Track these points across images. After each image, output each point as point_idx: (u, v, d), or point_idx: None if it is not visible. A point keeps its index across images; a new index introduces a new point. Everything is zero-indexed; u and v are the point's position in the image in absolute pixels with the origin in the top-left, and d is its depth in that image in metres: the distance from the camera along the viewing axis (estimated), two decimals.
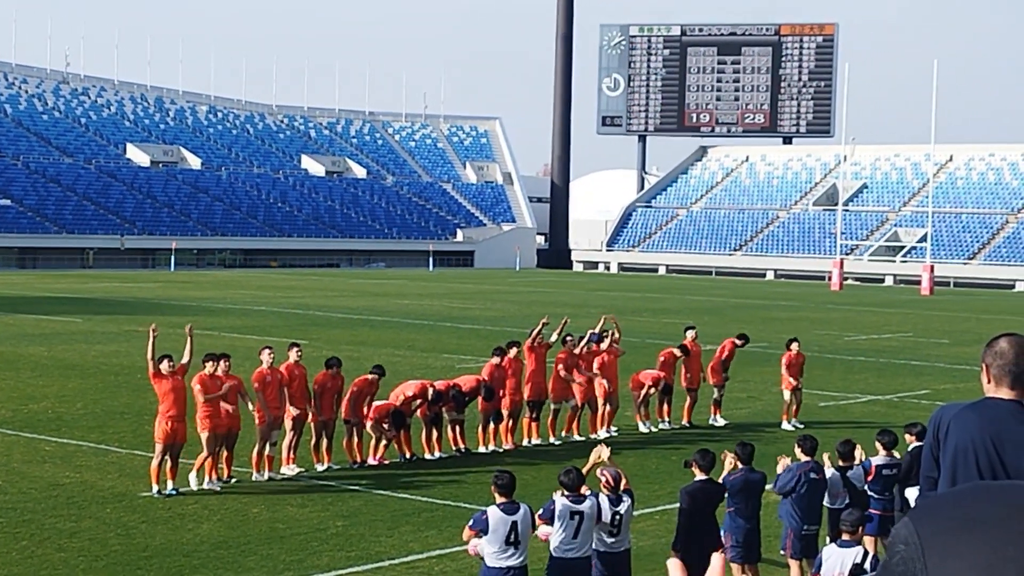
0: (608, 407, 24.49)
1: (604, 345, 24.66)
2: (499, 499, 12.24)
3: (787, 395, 25.88)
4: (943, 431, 6.26)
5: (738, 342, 26.52)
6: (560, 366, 23.79)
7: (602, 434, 23.65)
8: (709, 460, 13.83)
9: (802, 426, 24.68)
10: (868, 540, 14.03)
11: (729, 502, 14.16)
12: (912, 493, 12.63)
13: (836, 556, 12.27)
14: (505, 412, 22.94)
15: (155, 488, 18.54)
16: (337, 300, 61.05)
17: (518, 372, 23.26)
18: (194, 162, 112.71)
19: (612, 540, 12.77)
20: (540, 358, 23.81)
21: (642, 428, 24.98)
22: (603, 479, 12.91)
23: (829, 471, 14.93)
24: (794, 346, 26.01)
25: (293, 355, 20.78)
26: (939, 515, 1.42)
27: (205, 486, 18.96)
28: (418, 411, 22.01)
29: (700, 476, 13.67)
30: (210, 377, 19.64)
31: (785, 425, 25.46)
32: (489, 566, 12.06)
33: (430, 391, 21.93)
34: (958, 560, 1.35)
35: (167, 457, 18.63)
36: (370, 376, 21.61)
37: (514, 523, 12.01)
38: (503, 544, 11.98)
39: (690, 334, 26.60)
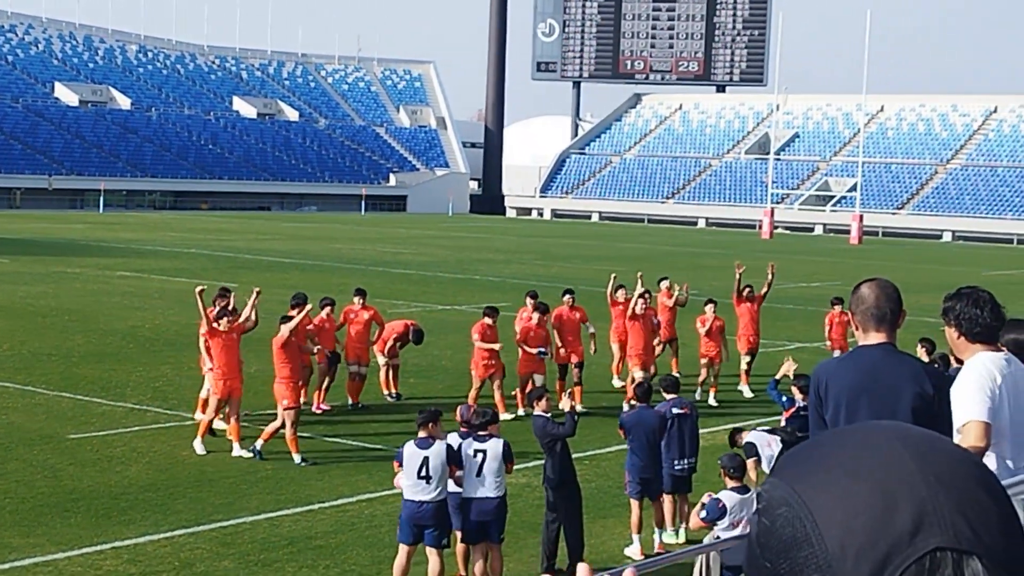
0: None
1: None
2: (419, 434, 12.59)
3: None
4: (823, 389, 6.38)
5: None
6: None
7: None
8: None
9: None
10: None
11: (628, 440, 14.52)
12: None
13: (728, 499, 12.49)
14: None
15: (238, 449, 17.91)
16: (268, 243, 60.72)
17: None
18: (124, 102, 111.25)
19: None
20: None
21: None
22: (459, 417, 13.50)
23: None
24: (836, 308, 25.06)
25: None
26: (810, 466, 1.40)
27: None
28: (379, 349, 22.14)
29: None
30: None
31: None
32: (405, 499, 12.46)
33: (411, 330, 22.35)
34: (845, 510, 1.34)
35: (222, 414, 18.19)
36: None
37: (426, 458, 12.31)
38: (415, 478, 12.31)
39: (664, 285, 26.23)
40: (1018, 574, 1.34)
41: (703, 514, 12.48)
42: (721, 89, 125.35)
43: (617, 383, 24.53)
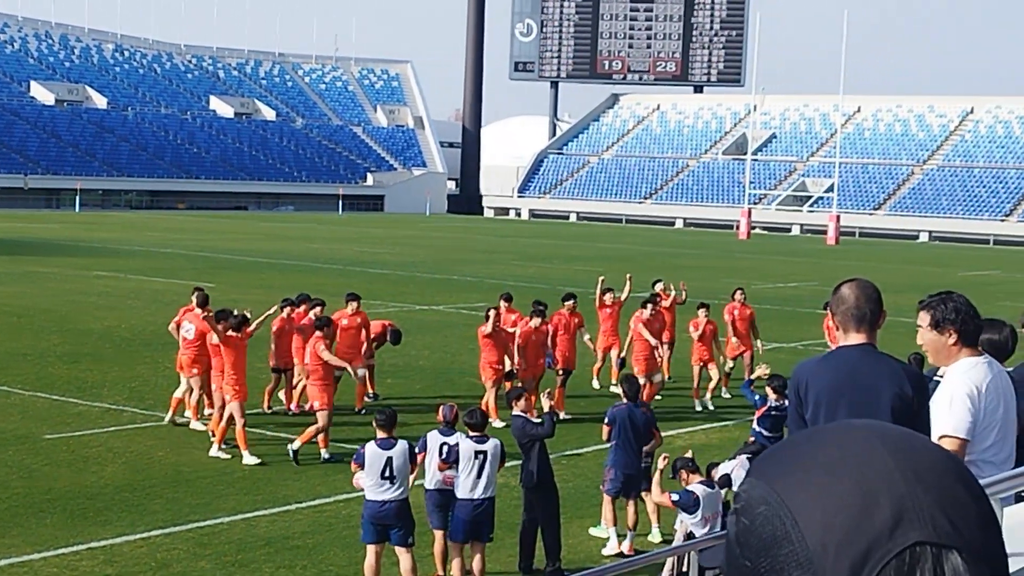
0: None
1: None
2: (379, 435, 12.74)
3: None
4: (803, 389, 6.38)
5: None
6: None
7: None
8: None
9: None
10: None
11: (613, 436, 14.49)
12: None
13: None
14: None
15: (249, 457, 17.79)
16: (245, 243, 60.55)
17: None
18: (100, 101, 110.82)
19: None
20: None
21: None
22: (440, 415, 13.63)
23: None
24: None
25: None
26: (788, 465, 1.40)
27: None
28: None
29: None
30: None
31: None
32: (368, 499, 12.59)
33: (389, 331, 22.42)
34: (824, 507, 1.34)
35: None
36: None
37: (389, 458, 12.50)
38: (378, 478, 12.47)
39: (659, 286, 25.70)
40: (996, 567, 1.35)
41: (674, 497, 12.51)
42: (699, 89, 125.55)
43: (596, 384, 24.50)
